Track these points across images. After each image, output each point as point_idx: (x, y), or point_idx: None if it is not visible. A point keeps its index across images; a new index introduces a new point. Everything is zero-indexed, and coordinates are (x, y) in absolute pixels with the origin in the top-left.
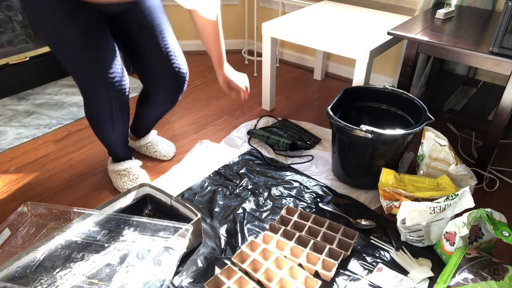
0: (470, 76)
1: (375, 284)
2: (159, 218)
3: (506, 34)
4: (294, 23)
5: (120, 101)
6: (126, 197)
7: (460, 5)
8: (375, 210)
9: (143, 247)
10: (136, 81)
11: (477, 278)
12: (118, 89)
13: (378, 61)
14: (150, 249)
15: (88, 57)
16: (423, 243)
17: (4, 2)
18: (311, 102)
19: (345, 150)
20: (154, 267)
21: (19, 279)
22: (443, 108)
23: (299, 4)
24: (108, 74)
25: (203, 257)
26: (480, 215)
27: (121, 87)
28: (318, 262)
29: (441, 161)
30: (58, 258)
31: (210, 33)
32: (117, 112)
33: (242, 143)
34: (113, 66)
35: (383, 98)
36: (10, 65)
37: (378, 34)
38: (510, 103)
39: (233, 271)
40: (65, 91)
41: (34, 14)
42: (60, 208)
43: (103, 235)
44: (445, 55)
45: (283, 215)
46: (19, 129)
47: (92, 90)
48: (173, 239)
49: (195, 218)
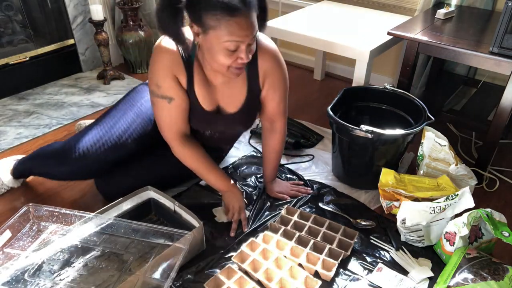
0: (470, 76)
1: (375, 284)
2: (162, 224)
3: (506, 34)
4: (294, 23)
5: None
6: (129, 201)
7: (460, 5)
8: (375, 210)
9: (143, 254)
10: (136, 81)
11: (477, 278)
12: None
13: (378, 61)
14: (149, 256)
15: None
16: (423, 243)
17: (4, 2)
18: (311, 102)
19: (345, 150)
20: (153, 274)
21: (17, 282)
22: (443, 108)
23: (299, 4)
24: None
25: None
26: (480, 215)
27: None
28: (318, 262)
29: (441, 161)
30: (56, 262)
31: (277, 156)
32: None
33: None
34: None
35: (383, 98)
36: (10, 65)
37: (378, 34)
38: (510, 103)
39: (233, 271)
40: (65, 91)
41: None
42: (62, 210)
43: (103, 240)
44: (445, 55)
45: (283, 215)
46: (19, 129)
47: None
48: (174, 246)
49: (198, 225)
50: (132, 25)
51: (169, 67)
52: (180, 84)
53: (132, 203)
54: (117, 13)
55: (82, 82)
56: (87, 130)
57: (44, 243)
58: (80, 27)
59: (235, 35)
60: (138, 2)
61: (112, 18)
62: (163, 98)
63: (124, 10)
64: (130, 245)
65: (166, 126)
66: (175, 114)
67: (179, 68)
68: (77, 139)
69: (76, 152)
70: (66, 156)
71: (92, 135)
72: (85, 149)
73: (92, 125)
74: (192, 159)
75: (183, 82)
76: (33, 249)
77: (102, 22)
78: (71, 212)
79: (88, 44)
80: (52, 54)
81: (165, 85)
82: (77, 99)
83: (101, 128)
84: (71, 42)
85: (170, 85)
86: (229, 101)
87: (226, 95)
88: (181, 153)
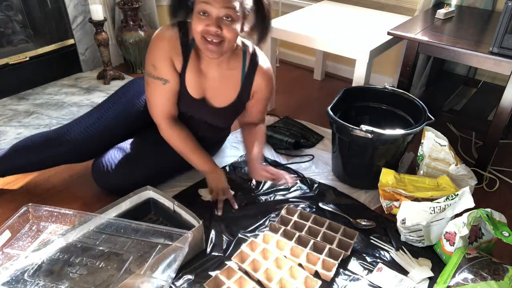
0: (470, 76)
1: (375, 284)
2: (162, 223)
3: (506, 34)
4: (294, 23)
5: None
6: (128, 200)
7: (460, 5)
8: (375, 210)
9: (143, 253)
10: None
11: (477, 278)
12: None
13: (378, 61)
14: (149, 255)
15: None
16: (423, 243)
17: (4, 2)
18: (311, 102)
19: (345, 150)
20: (153, 274)
21: (17, 282)
22: (443, 108)
23: (299, 4)
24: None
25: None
26: (480, 215)
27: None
28: (318, 262)
29: (441, 161)
30: (56, 262)
31: (261, 134)
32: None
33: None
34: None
35: (383, 98)
36: (10, 65)
37: (378, 34)
38: (510, 103)
39: (233, 271)
40: (65, 91)
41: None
42: (61, 211)
43: (103, 239)
44: (445, 55)
45: (283, 215)
46: (19, 129)
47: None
48: (173, 246)
49: (197, 225)
50: (132, 25)
51: (166, 50)
52: (175, 68)
53: (131, 203)
54: (117, 13)
55: (82, 82)
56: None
57: (43, 243)
58: (80, 27)
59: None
60: (138, 2)
61: (112, 18)
62: (157, 79)
63: (124, 10)
64: (130, 244)
65: (157, 107)
66: (167, 96)
67: (176, 51)
68: (70, 124)
69: (71, 134)
70: (60, 138)
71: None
72: (83, 130)
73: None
74: (179, 139)
75: (178, 66)
76: (32, 249)
77: (102, 22)
78: (70, 212)
79: (88, 44)
80: (52, 54)
81: (160, 67)
82: (77, 99)
83: (94, 113)
84: (71, 42)
85: (166, 68)
86: (217, 96)
87: (215, 89)
88: (168, 133)
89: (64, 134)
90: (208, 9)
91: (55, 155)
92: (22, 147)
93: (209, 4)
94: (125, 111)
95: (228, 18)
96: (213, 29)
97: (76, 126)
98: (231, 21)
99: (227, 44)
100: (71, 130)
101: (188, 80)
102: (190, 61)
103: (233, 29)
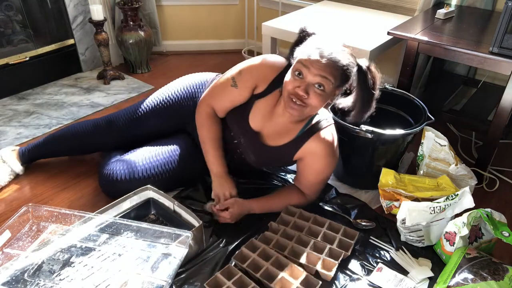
0: (470, 76)
1: (375, 284)
2: (162, 223)
3: (506, 34)
4: (294, 23)
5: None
6: (128, 201)
7: (460, 5)
8: (375, 210)
9: (143, 254)
10: (136, 81)
11: (477, 278)
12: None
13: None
14: (149, 255)
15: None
16: (423, 243)
17: (4, 2)
18: None
19: (345, 150)
20: (153, 274)
21: (17, 282)
22: (443, 108)
23: (299, 4)
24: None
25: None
26: (480, 215)
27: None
28: (319, 262)
29: (441, 161)
30: (56, 262)
31: (284, 202)
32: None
33: None
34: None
35: (383, 98)
36: (10, 65)
37: (378, 34)
38: (510, 103)
39: (233, 270)
40: (65, 91)
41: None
42: (61, 210)
43: (103, 240)
44: (445, 55)
45: (283, 215)
46: (19, 129)
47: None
48: (173, 246)
49: (197, 225)
50: (132, 25)
51: (260, 75)
52: (253, 90)
53: (131, 203)
54: (117, 13)
55: (82, 82)
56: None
57: (43, 243)
58: (80, 27)
59: (306, 57)
60: (138, 2)
61: (112, 18)
62: (232, 81)
63: (124, 10)
64: (130, 245)
65: (212, 97)
66: (227, 96)
67: (267, 80)
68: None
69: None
70: (112, 125)
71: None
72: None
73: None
74: (208, 129)
75: (257, 91)
76: (32, 249)
77: (102, 22)
78: (70, 212)
79: (88, 44)
80: (52, 54)
81: (245, 79)
82: (77, 99)
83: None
84: (71, 42)
85: (247, 83)
86: (268, 135)
87: (271, 128)
88: (202, 118)
89: (114, 121)
90: (304, 72)
91: (105, 141)
92: (71, 134)
93: (306, 68)
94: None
95: (320, 86)
96: (300, 93)
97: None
98: (321, 90)
99: (309, 110)
100: (119, 118)
101: (255, 108)
102: (270, 96)
103: (320, 98)
